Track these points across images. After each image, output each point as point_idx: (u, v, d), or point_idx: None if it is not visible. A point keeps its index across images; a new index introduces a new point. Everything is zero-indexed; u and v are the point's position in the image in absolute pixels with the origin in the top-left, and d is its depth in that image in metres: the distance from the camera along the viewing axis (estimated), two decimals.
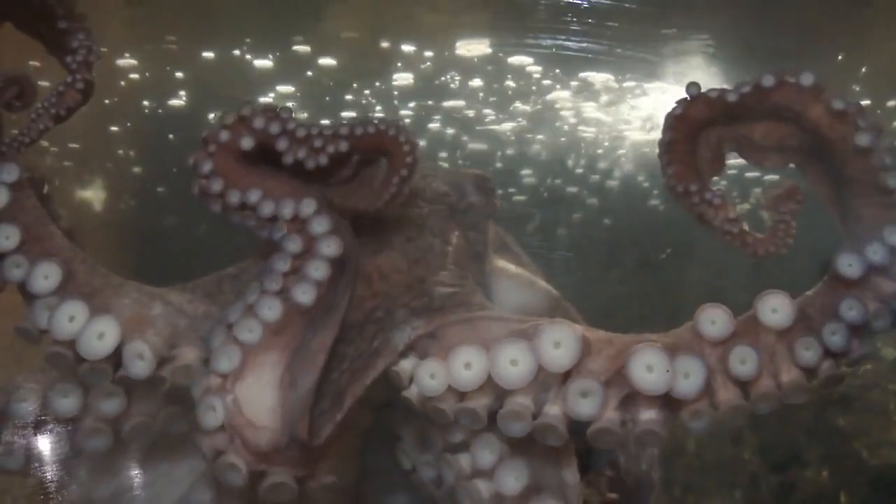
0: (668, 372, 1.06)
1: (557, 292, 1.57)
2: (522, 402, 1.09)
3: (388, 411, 1.33)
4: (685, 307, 1.15)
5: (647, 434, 1.08)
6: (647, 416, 1.08)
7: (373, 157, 1.24)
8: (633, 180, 4.48)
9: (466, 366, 1.10)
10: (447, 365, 1.11)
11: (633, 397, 1.08)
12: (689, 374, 1.07)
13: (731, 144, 1.27)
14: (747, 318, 1.12)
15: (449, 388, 1.12)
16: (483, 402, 1.11)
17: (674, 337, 1.12)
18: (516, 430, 1.09)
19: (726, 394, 1.09)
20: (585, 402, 1.07)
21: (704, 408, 1.09)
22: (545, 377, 1.10)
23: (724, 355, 1.09)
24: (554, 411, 1.08)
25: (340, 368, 1.19)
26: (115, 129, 3.80)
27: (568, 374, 1.09)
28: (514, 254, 1.61)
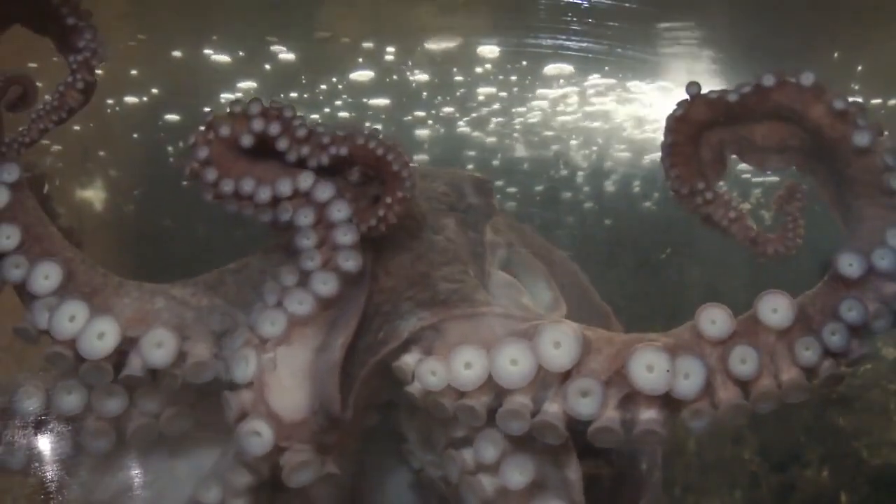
0: (668, 371, 1.06)
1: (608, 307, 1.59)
2: (522, 400, 1.10)
3: (391, 411, 1.33)
4: (685, 307, 1.15)
5: (647, 434, 1.08)
6: (647, 415, 1.08)
7: (371, 175, 1.25)
8: (633, 181, 4.48)
9: (467, 365, 1.11)
10: (448, 364, 1.12)
11: (633, 397, 1.08)
12: (689, 374, 1.07)
13: (732, 147, 1.27)
14: (747, 318, 1.12)
15: (449, 386, 1.12)
16: (483, 400, 1.12)
17: (674, 337, 1.12)
18: (515, 428, 1.10)
19: (726, 393, 1.09)
20: (585, 401, 1.07)
21: (704, 407, 1.09)
22: (545, 376, 1.10)
23: (724, 355, 1.09)
24: (553, 409, 1.08)
25: (350, 360, 1.19)
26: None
27: (568, 374, 1.10)
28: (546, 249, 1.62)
